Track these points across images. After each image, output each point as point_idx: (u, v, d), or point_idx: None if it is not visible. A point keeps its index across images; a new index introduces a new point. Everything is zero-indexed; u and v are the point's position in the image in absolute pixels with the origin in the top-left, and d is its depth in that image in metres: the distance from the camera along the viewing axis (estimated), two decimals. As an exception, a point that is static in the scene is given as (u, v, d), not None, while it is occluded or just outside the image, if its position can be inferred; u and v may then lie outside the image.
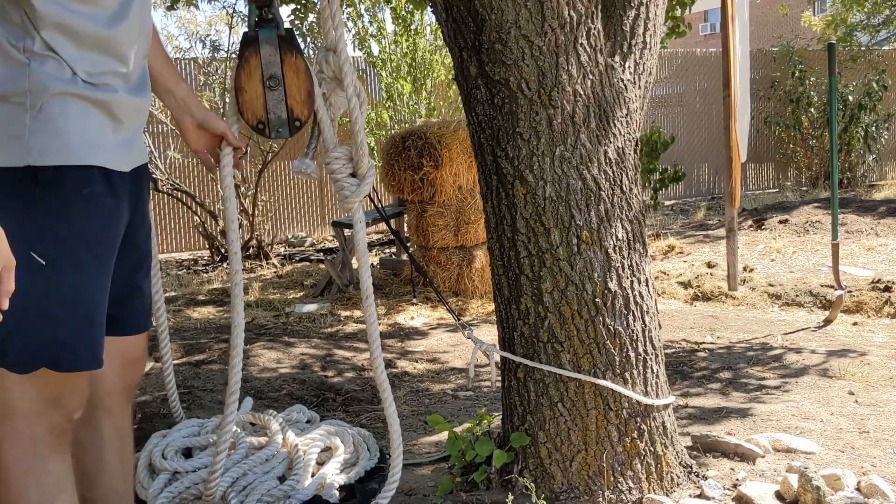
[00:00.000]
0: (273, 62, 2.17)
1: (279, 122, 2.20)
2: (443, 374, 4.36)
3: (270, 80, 2.18)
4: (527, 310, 2.54)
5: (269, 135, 2.20)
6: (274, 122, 2.20)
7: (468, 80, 2.57)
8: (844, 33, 15.03)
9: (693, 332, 5.09)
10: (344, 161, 2.23)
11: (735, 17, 4.87)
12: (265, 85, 2.18)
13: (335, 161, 2.21)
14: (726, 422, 3.27)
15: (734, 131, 4.99)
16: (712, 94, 12.50)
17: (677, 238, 8.33)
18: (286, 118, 2.20)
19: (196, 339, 4.86)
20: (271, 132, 2.20)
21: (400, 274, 6.81)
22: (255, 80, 2.18)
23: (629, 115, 2.57)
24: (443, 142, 6.26)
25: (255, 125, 2.21)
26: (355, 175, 2.24)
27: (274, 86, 2.18)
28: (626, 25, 2.61)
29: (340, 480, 2.65)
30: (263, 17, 2.17)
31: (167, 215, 9.85)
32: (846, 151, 12.63)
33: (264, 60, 2.17)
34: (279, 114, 2.20)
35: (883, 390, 3.70)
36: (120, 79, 1.76)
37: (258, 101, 2.19)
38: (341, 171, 2.22)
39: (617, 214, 2.52)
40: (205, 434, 2.85)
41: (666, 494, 2.52)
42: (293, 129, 2.21)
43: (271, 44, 2.17)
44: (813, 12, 18.34)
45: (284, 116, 2.20)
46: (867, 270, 6.37)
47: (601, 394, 2.50)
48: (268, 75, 2.17)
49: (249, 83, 2.19)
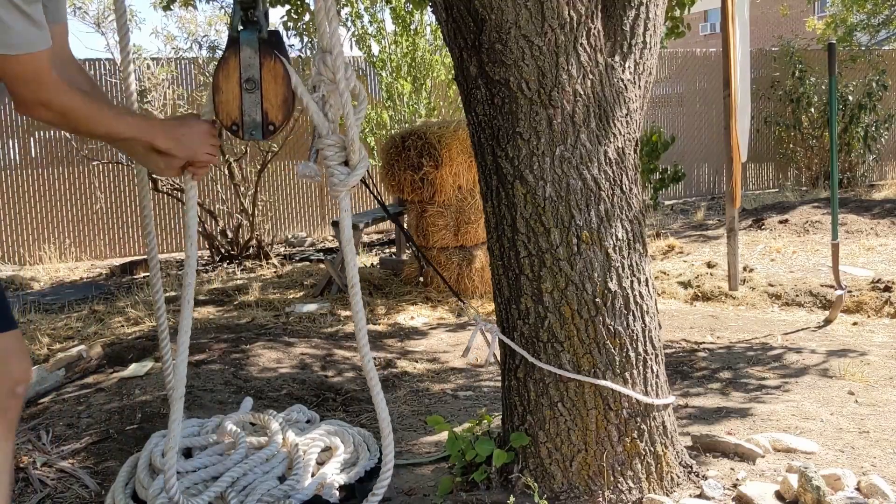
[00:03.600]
0: (252, 65, 2.17)
1: (253, 125, 2.20)
2: (443, 374, 4.36)
3: (248, 82, 2.18)
4: (527, 310, 2.54)
5: (243, 136, 2.20)
6: (248, 123, 2.20)
7: (468, 80, 2.57)
8: (844, 33, 15.03)
9: (693, 332, 5.09)
10: (337, 149, 2.22)
11: (735, 17, 4.87)
12: (242, 87, 2.18)
13: (328, 148, 2.21)
14: (726, 422, 3.27)
15: (734, 131, 4.99)
16: (712, 94, 12.51)
17: (677, 238, 8.33)
18: (260, 121, 2.20)
19: (196, 339, 4.86)
20: (245, 133, 2.20)
21: (400, 274, 6.81)
22: (232, 82, 2.19)
23: (629, 115, 2.57)
24: (443, 142, 6.26)
25: (229, 126, 2.21)
26: (347, 164, 2.25)
27: (251, 88, 2.18)
28: (626, 25, 2.61)
29: (340, 480, 2.65)
30: (248, 18, 2.17)
31: (167, 215, 9.85)
32: (846, 151, 12.64)
33: (243, 63, 2.18)
34: (254, 116, 2.20)
35: (883, 390, 3.70)
36: None
37: (234, 103, 2.19)
38: (333, 159, 2.22)
39: (617, 214, 2.52)
40: (205, 434, 2.85)
41: (666, 494, 2.52)
42: (267, 132, 2.21)
43: (252, 46, 2.17)
44: (813, 11, 18.34)
45: (259, 119, 2.20)
46: (867, 270, 6.37)
47: (601, 394, 2.50)
48: (245, 77, 2.18)
49: (227, 84, 2.19)
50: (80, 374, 4.37)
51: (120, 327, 5.69)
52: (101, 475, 2.93)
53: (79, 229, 9.69)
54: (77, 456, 3.10)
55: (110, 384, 4.04)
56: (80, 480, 2.86)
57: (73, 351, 4.67)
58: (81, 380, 4.27)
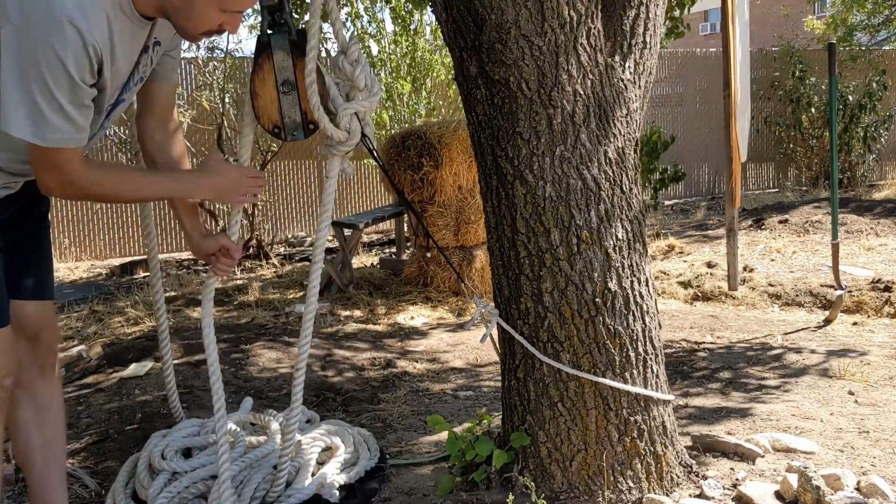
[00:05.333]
0: (286, 67, 2.20)
1: (294, 126, 2.24)
2: (443, 374, 4.36)
3: (284, 85, 2.21)
4: (527, 310, 2.54)
5: (286, 138, 2.25)
6: (289, 125, 2.24)
7: (468, 80, 2.57)
8: (844, 33, 15.03)
9: (693, 332, 5.09)
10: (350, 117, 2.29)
11: (735, 17, 4.87)
12: (279, 90, 2.21)
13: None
14: (726, 422, 3.27)
15: (734, 131, 4.99)
16: (712, 94, 12.50)
17: (677, 238, 8.33)
18: (300, 121, 2.23)
19: (196, 339, 4.85)
20: (287, 135, 2.24)
21: (400, 274, 6.81)
22: (268, 86, 2.21)
23: (629, 115, 2.57)
24: (443, 142, 6.26)
25: (270, 129, 2.25)
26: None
27: (288, 90, 2.21)
28: (626, 25, 2.61)
29: (340, 480, 2.65)
30: (276, 21, 2.19)
31: (167, 215, 9.85)
32: (846, 151, 12.63)
33: (277, 66, 2.20)
34: (294, 117, 2.23)
35: (883, 390, 3.70)
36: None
37: (273, 106, 2.22)
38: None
39: (617, 214, 2.52)
40: (205, 434, 2.85)
41: (666, 494, 2.52)
42: (308, 131, 2.25)
43: (283, 49, 2.19)
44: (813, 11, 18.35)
45: (299, 120, 2.23)
46: (867, 270, 6.37)
47: (601, 393, 2.50)
48: (281, 80, 2.20)
49: (263, 88, 2.22)
50: (80, 374, 4.37)
51: (120, 327, 5.69)
52: (101, 475, 2.93)
53: (79, 229, 9.68)
54: (77, 456, 3.10)
55: (110, 384, 4.04)
56: (80, 480, 2.86)
57: (73, 351, 4.67)
58: (81, 380, 4.27)
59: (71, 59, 1.80)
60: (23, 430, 2.31)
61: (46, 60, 1.78)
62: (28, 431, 2.31)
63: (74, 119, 1.87)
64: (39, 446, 2.33)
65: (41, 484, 2.35)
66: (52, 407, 2.36)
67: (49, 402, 2.35)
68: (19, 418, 2.30)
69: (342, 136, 2.29)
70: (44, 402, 2.34)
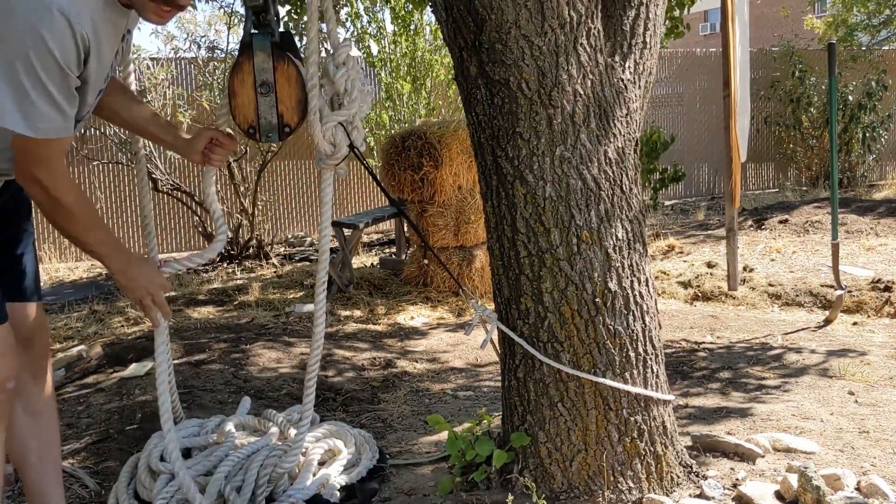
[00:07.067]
0: (266, 69, 2.20)
1: (269, 128, 2.24)
2: (443, 374, 4.36)
3: (262, 86, 2.21)
4: (527, 310, 2.54)
5: (260, 139, 2.25)
6: (264, 126, 2.24)
7: (468, 80, 2.57)
8: (845, 33, 15.03)
9: (693, 332, 5.09)
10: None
11: (735, 17, 4.87)
12: (257, 91, 2.21)
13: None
14: (726, 422, 3.27)
15: (734, 131, 4.99)
16: (712, 94, 12.51)
17: (677, 238, 8.33)
18: (276, 123, 2.23)
19: (196, 339, 4.86)
20: (261, 136, 2.25)
21: (400, 274, 6.81)
22: (247, 86, 2.22)
23: (629, 115, 2.57)
24: (443, 142, 6.26)
25: (245, 129, 2.25)
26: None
27: (265, 92, 2.21)
28: (626, 25, 2.61)
29: (342, 481, 2.65)
30: (260, 22, 2.19)
31: (167, 215, 9.85)
32: (846, 151, 12.64)
33: (257, 67, 2.20)
34: (270, 119, 2.23)
35: (883, 390, 3.70)
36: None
37: (250, 106, 2.23)
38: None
39: (617, 214, 2.52)
40: (204, 434, 2.85)
41: (666, 494, 2.52)
42: (283, 134, 2.25)
43: (265, 50, 2.19)
44: (813, 11, 18.35)
45: (275, 122, 2.23)
46: (867, 270, 6.37)
47: (601, 393, 2.50)
48: (260, 81, 2.21)
49: (242, 88, 2.22)
50: (80, 373, 4.37)
51: (120, 327, 5.69)
52: (101, 475, 2.93)
53: (79, 229, 9.67)
54: (77, 456, 3.11)
55: (110, 384, 4.04)
56: (80, 480, 2.86)
57: (73, 351, 4.66)
58: (81, 380, 4.27)
59: (60, 47, 1.79)
60: (18, 433, 2.31)
61: (36, 49, 1.77)
62: (23, 434, 2.31)
63: (63, 108, 1.86)
64: (35, 448, 2.33)
65: (38, 485, 2.35)
66: (46, 409, 2.37)
67: (43, 405, 2.36)
68: (13, 421, 2.29)
69: (328, 149, 2.29)
70: (38, 406, 2.34)
